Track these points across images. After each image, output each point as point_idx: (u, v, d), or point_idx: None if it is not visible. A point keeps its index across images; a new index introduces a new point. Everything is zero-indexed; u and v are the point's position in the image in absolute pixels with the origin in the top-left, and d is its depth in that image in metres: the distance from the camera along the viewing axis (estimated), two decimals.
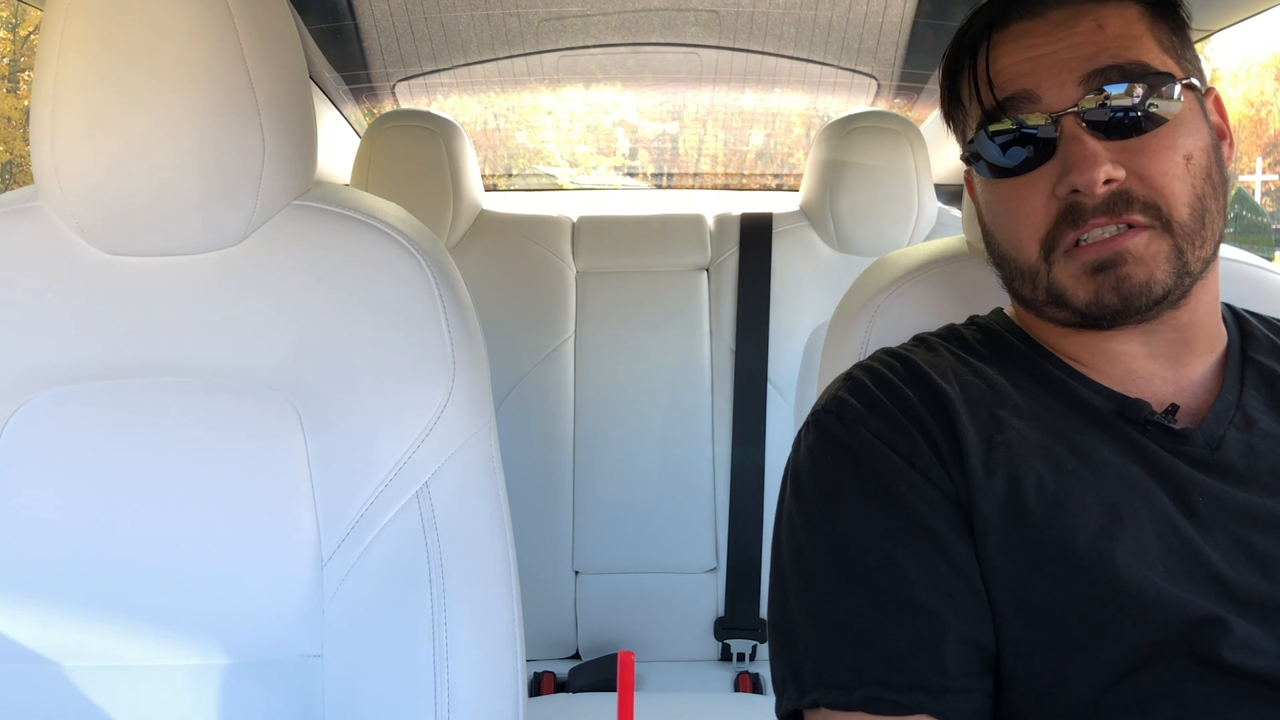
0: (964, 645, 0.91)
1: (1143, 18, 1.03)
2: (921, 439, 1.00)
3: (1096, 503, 0.93)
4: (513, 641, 1.24)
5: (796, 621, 0.97)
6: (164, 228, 1.21)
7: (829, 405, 1.07)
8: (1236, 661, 0.84)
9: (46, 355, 1.22)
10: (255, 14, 1.19)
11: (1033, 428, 1.00)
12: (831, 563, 0.97)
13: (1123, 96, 0.98)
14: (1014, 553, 0.93)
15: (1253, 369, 1.06)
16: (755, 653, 2.62)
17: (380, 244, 1.25)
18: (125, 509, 1.19)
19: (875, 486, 0.98)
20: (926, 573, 0.93)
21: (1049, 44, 1.02)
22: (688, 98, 3.47)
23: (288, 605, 1.19)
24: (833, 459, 1.03)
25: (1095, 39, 1.01)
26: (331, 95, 3.07)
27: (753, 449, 2.59)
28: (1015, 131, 1.03)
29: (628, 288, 2.73)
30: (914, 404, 1.02)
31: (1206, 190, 0.99)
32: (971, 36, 1.09)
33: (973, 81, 1.08)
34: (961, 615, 0.92)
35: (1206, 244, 1.00)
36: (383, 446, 1.20)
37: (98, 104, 1.14)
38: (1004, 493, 0.94)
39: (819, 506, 1.01)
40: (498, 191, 3.78)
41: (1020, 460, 0.96)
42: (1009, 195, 1.05)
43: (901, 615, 0.92)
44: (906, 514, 0.96)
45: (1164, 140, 0.99)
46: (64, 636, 1.18)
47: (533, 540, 2.58)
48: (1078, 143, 0.98)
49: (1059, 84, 1.00)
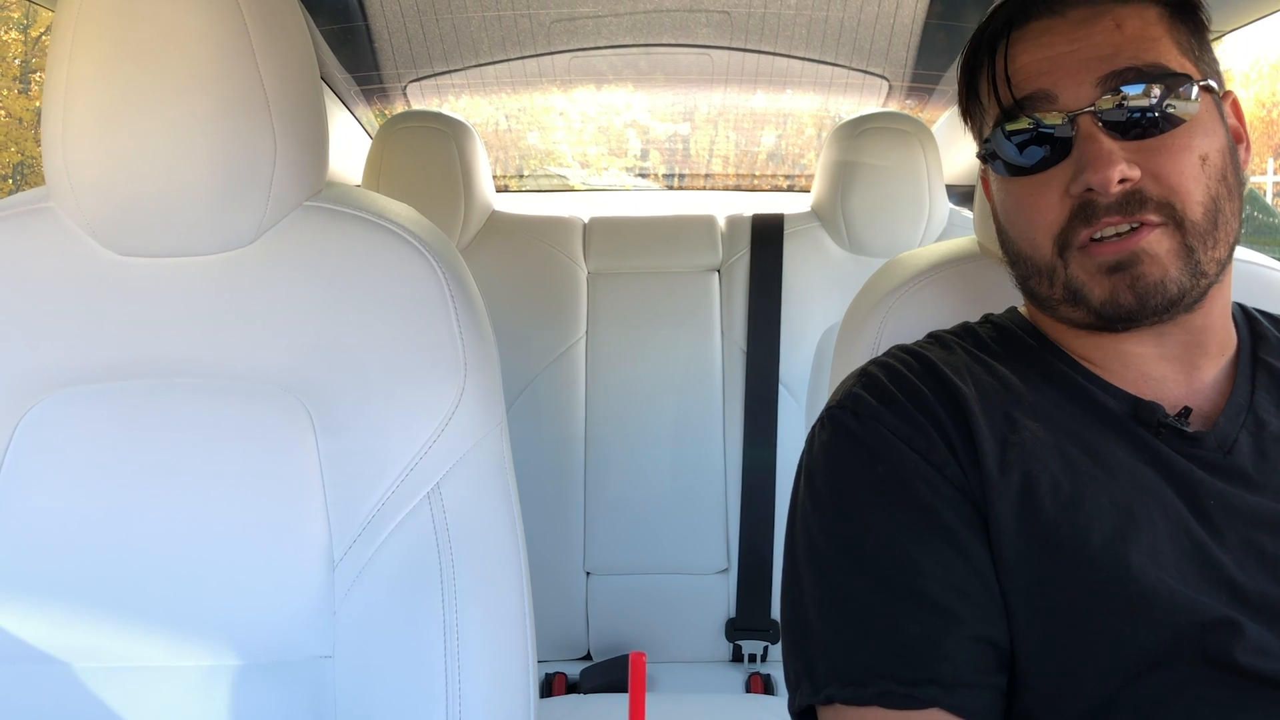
0: (978, 641, 0.91)
1: (1162, 19, 1.03)
2: (938, 436, 0.99)
3: (1110, 504, 0.92)
4: (524, 642, 1.24)
5: (810, 618, 0.97)
6: (175, 229, 1.21)
7: (844, 401, 1.06)
8: (1249, 664, 0.84)
9: (58, 356, 1.22)
10: (266, 15, 1.19)
11: (1047, 428, 0.99)
12: (846, 558, 0.97)
13: (1139, 97, 0.98)
14: (1028, 553, 0.92)
15: (1264, 371, 1.06)
16: (767, 654, 2.62)
17: (392, 245, 1.25)
18: (137, 510, 1.19)
19: (891, 482, 0.98)
20: (942, 569, 0.93)
21: (1068, 43, 1.02)
22: (699, 99, 3.47)
23: (299, 606, 1.19)
24: (848, 454, 1.02)
25: (1114, 39, 1.00)
26: (343, 96, 3.07)
27: (764, 449, 2.59)
28: (1032, 130, 1.02)
29: (639, 288, 2.73)
30: (930, 401, 1.02)
31: (1221, 192, 0.99)
32: (991, 34, 1.09)
33: (991, 79, 1.07)
34: (976, 612, 0.91)
35: (1220, 245, 0.99)
36: (394, 447, 1.20)
37: (109, 105, 1.14)
38: (1018, 493, 0.94)
39: (834, 502, 1.01)
40: (509, 192, 3.78)
41: (1035, 460, 0.96)
42: (1024, 193, 1.05)
43: (917, 611, 0.92)
44: (923, 510, 0.96)
45: (1180, 141, 0.98)
46: (75, 637, 1.19)
47: (544, 541, 2.58)
48: (1093, 142, 0.98)
49: (1076, 84, 1.00)
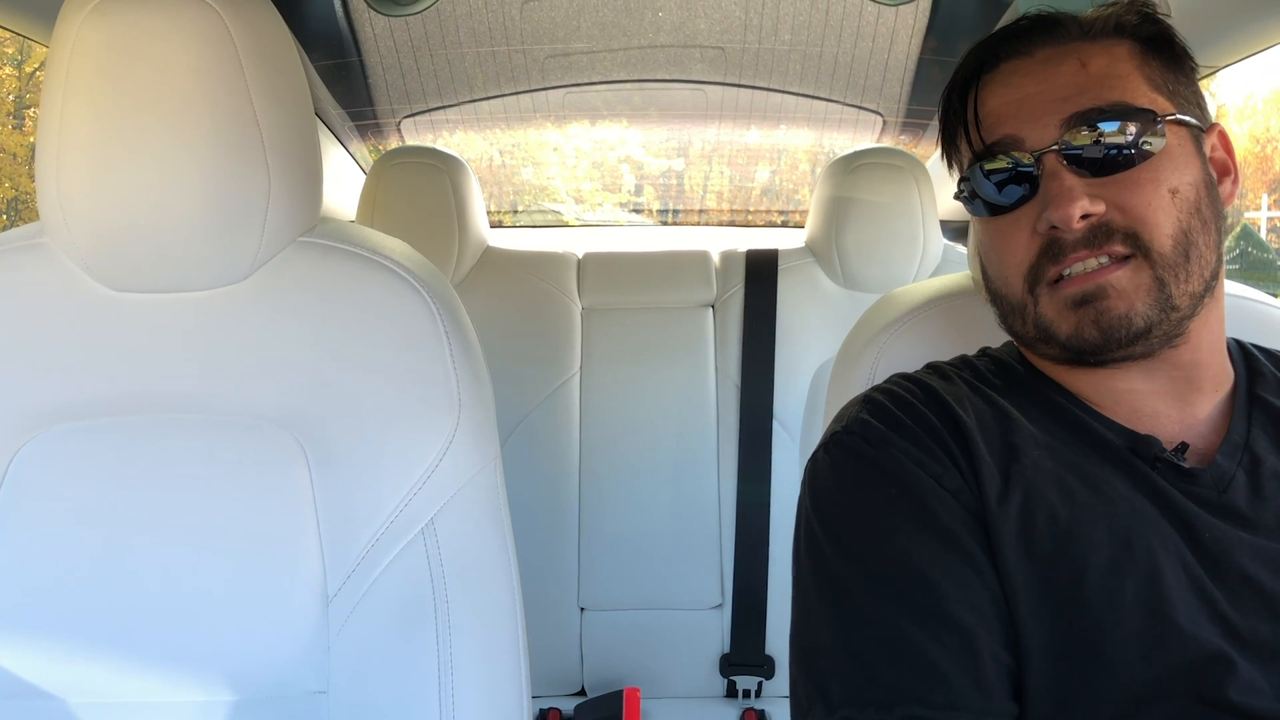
0: (998, 665, 0.90)
1: (1132, 55, 1.04)
2: (949, 461, 0.99)
3: (1108, 535, 0.92)
4: (518, 678, 1.24)
5: (823, 641, 0.96)
6: (169, 264, 1.21)
7: (851, 426, 1.06)
8: (1241, 702, 0.84)
9: (52, 392, 1.22)
10: (261, 50, 1.20)
11: (1047, 459, 0.99)
12: (864, 581, 0.96)
13: (1104, 134, 0.99)
14: (1025, 583, 0.92)
15: (1260, 408, 1.06)
16: (761, 689, 2.60)
17: (386, 281, 1.25)
18: (131, 545, 1.19)
19: (908, 504, 0.98)
20: (963, 590, 0.93)
21: (1035, 83, 1.03)
22: (693, 134, 3.48)
23: (293, 642, 1.19)
24: (860, 477, 1.02)
25: (1078, 79, 1.02)
26: (337, 131, 3.08)
27: (758, 485, 2.58)
28: (1002, 171, 1.04)
29: (633, 324, 2.73)
30: (936, 426, 1.02)
31: (1194, 225, 0.99)
32: (962, 79, 1.10)
33: (963, 124, 1.09)
34: (995, 636, 0.91)
35: (1193, 279, 0.99)
36: (388, 483, 1.20)
37: (103, 140, 1.15)
38: (1017, 524, 0.94)
39: (848, 525, 1.00)
40: (503, 228, 3.79)
41: (1034, 491, 0.96)
42: (997, 233, 1.07)
43: (941, 632, 0.91)
44: (941, 532, 0.95)
45: (1147, 174, 0.99)
46: (70, 672, 1.18)
47: (538, 576, 2.57)
48: (1056, 179, 0.99)
49: (1042, 126, 1.01)
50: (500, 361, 2.59)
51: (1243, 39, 1.56)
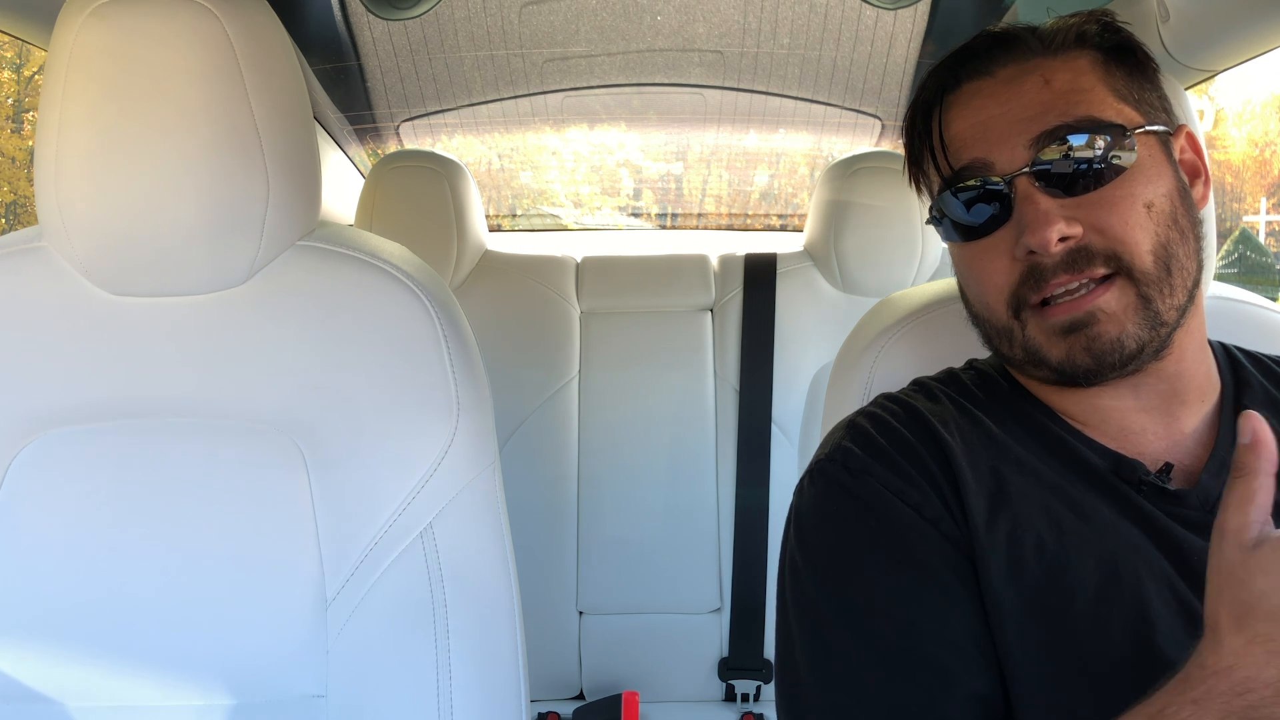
0: (973, 700, 0.90)
1: (1095, 66, 1.03)
2: (930, 488, 0.99)
3: (1095, 563, 0.92)
4: (517, 682, 1.24)
5: (802, 673, 0.97)
6: (168, 268, 1.21)
7: (833, 454, 1.05)
8: None
9: (51, 396, 1.22)
10: (259, 55, 1.20)
11: (1032, 484, 0.99)
12: (840, 616, 0.96)
13: (1074, 151, 0.97)
14: (1013, 612, 0.92)
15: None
16: (759, 693, 2.60)
17: (384, 284, 1.25)
18: (129, 549, 1.19)
19: (886, 538, 0.97)
20: (937, 625, 0.92)
21: (998, 104, 1.02)
22: (692, 138, 3.48)
23: (292, 646, 1.19)
24: (840, 509, 1.02)
25: (1042, 97, 1.00)
26: (336, 136, 3.08)
27: (757, 489, 2.58)
28: (973, 193, 1.02)
29: (632, 328, 2.73)
30: (919, 452, 1.01)
31: (1172, 237, 0.98)
32: (925, 101, 1.09)
33: (929, 149, 1.08)
34: (970, 669, 0.91)
35: (1177, 291, 0.99)
36: (387, 487, 1.20)
37: (102, 145, 1.15)
38: (1005, 552, 0.94)
39: (827, 558, 1.00)
40: (502, 232, 3.78)
41: (1021, 519, 0.95)
42: (973, 258, 1.06)
43: (914, 672, 0.91)
44: (917, 566, 0.95)
45: (1121, 191, 0.98)
46: (69, 676, 1.18)
47: (537, 580, 2.57)
48: (1030, 203, 0.98)
49: (1010, 148, 1.00)
50: (499, 365, 2.58)
51: (1241, 43, 1.56)
